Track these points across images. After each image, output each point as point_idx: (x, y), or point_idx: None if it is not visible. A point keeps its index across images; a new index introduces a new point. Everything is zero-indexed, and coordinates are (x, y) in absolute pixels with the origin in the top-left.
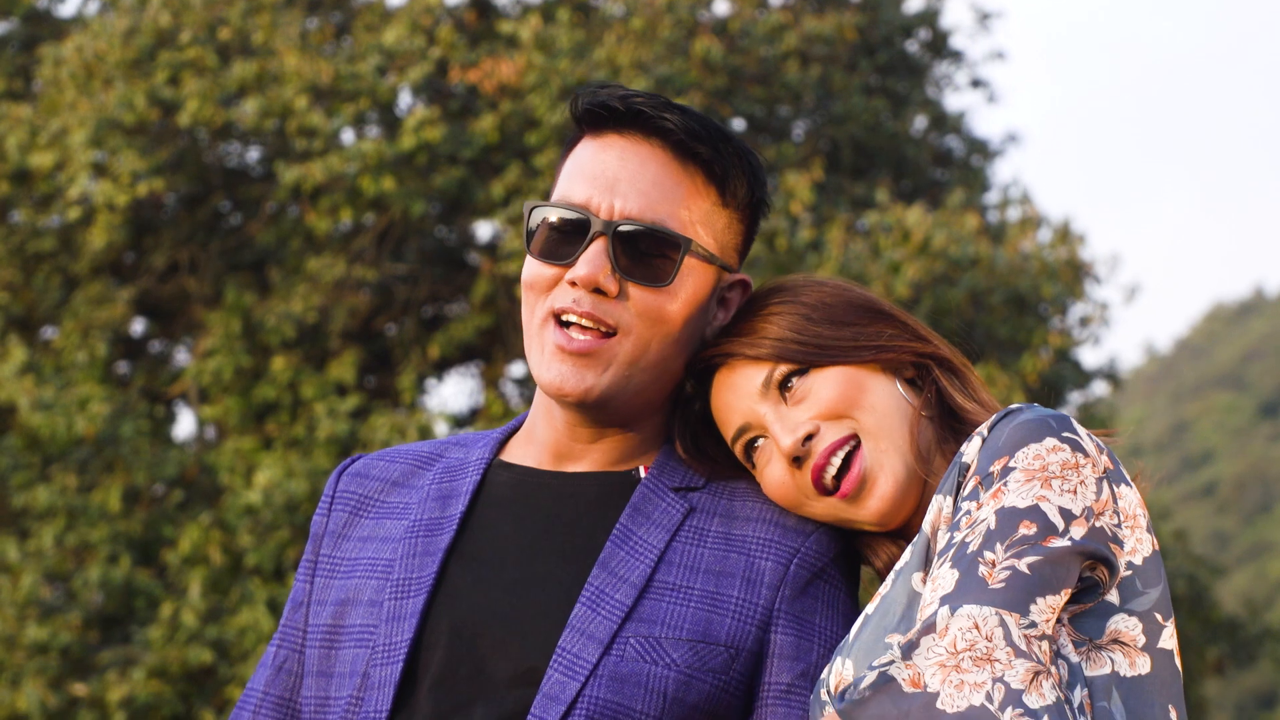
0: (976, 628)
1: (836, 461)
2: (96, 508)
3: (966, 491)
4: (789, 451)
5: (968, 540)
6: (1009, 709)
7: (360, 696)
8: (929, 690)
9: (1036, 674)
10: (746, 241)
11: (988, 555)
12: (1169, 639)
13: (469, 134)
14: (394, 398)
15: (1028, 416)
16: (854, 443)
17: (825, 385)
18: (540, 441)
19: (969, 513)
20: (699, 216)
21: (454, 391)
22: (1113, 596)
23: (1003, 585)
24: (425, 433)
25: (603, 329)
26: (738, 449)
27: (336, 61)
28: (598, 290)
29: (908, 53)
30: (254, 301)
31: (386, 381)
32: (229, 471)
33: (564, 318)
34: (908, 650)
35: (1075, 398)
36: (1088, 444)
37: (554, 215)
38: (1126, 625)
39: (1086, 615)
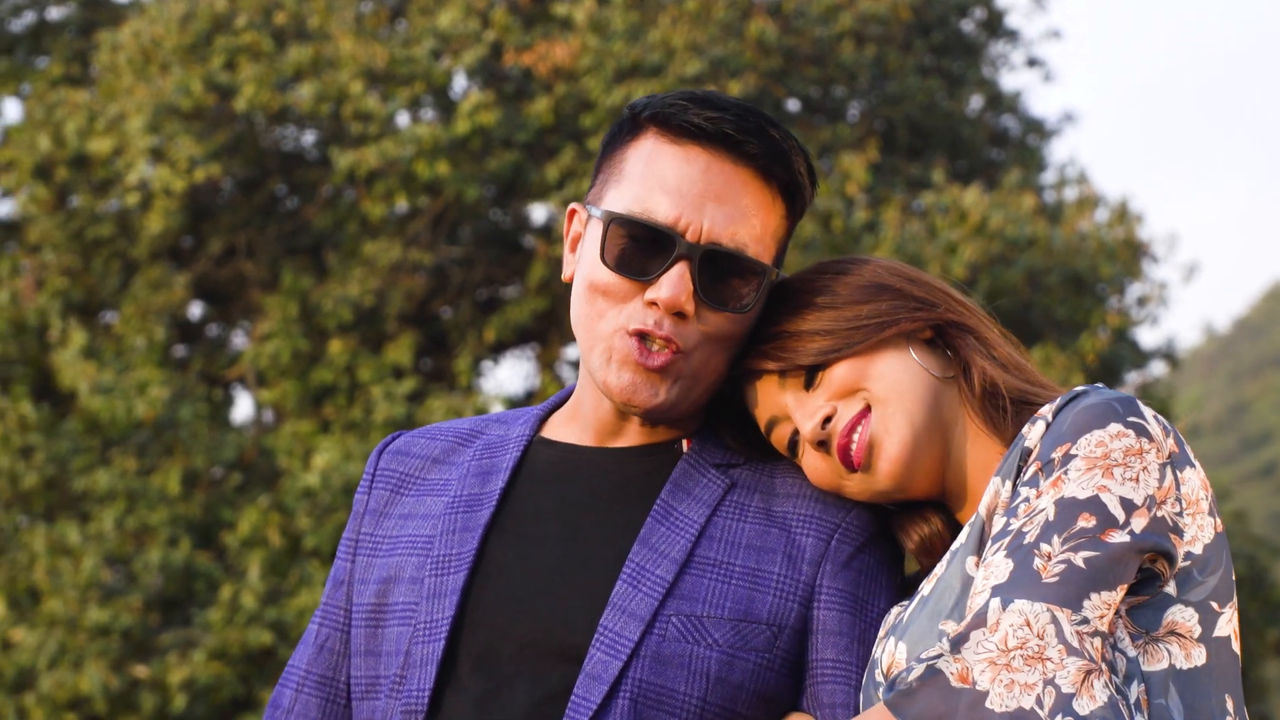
0: (1028, 624)
1: (858, 437)
2: (156, 491)
3: (1026, 477)
4: (810, 436)
5: (1025, 530)
6: (1057, 717)
7: (403, 675)
8: (978, 688)
9: (1088, 673)
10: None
11: (1044, 547)
12: (1225, 625)
13: (523, 117)
14: (450, 380)
15: (1093, 400)
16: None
17: (839, 370)
18: (585, 420)
19: (1027, 500)
20: (770, 233)
21: (510, 374)
22: (1170, 588)
23: (1056, 580)
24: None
25: (674, 348)
26: (773, 440)
27: (391, 45)
28: (677, 313)
29: (963, 32)
30: (311, 285)
31: (443, 364)
32: (287, 454)
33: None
34: (957, 644)
35: (1133, 378)
36: (1153, 427)
37: (635, 227)
38: (1183, 616)
39: (1144, 607)
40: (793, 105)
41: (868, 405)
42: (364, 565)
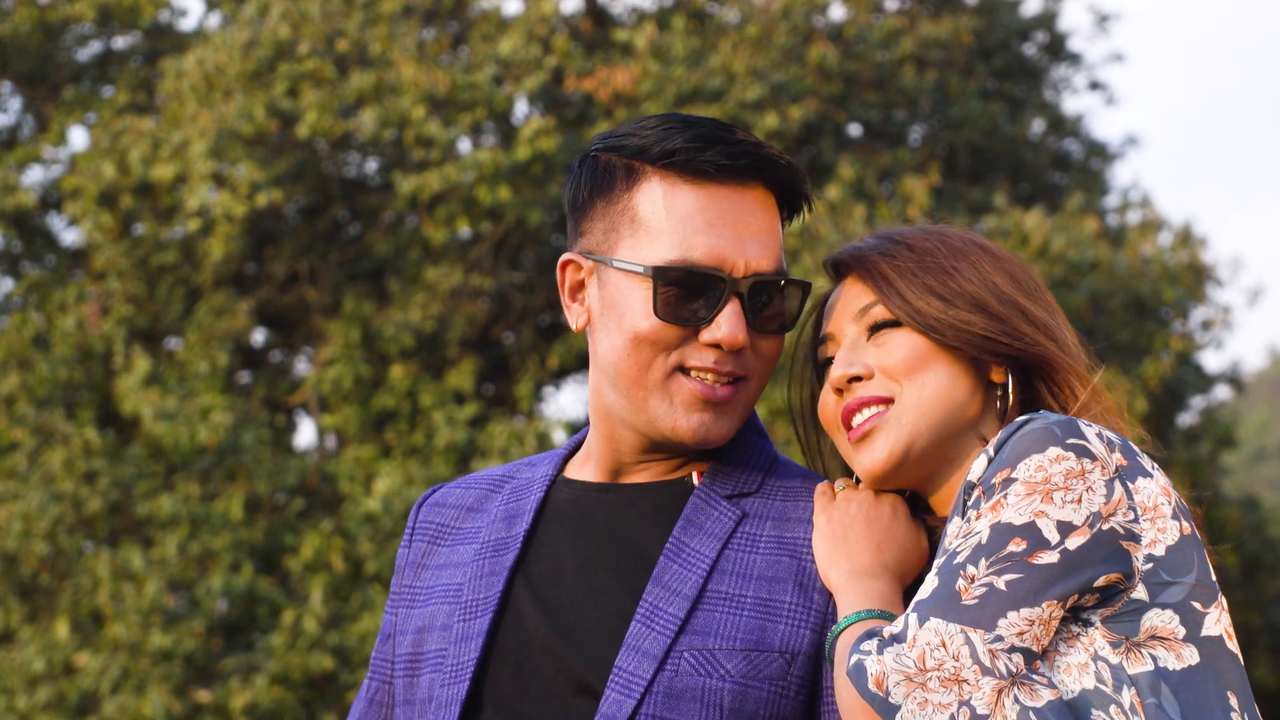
0: (944, 645)
1: (866, 414)
2: (219, 516)
3: (969, 501)
4: (835, 381)
5: (957, 550)
6: None
7: (429, 718)
8: (890, 700)
9: (1000, 692)
10: None
11: (969, 570)
12: (1214, 625)
13: (584, 142)
14: (512, 405)
15: (1033, 426)
16: (888, 404)
17: (900, 347)
18: (598, 459)
19: (968, 521)
20: (780, 239)
21: (571, 399)
22: (1140, 593)
23: (975, 602)
24: (543, 440)
25: (735, 379)
26: (815, 347)
27: (453, 71)
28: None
29: (1025, 56)
30: (372, 311)
31: (504, 389)
32: (349, 480)
33: (703, 376)
34: (883, 646)
35: (1197, 402)
36: (1096, 445)
37: (683, 275)
38: (1162, 619)
39: (1119, 616)
40: (854, 130)
41: (892, 397)
42: (403, 617)
